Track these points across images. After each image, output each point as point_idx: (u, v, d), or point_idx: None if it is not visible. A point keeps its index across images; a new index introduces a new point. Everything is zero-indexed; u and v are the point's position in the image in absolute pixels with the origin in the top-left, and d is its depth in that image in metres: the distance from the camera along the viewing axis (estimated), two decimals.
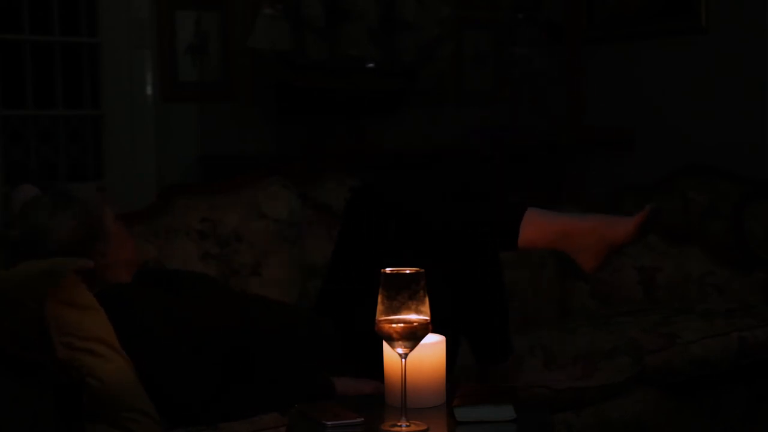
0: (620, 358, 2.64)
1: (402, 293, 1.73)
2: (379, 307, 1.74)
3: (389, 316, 1.74)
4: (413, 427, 1.76)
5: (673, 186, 3.98)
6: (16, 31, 3.71)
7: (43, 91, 3.79)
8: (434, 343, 1.91)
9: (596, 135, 4.27)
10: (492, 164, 3.94)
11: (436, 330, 1.83)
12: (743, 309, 3.01)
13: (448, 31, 3.96)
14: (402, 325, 1.74)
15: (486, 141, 4.08)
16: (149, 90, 3.80)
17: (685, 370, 2.78)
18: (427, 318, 1.75)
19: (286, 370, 2.30)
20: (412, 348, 1.77)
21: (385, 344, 1.87)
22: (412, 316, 1.74)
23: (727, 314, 2.95)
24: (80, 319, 2.05)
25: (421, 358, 1.87)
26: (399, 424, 1.76)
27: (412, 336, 1.75)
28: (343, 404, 1.92)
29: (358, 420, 1.77)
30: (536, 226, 2.39)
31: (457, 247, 2.36)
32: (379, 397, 1.94)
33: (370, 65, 3.76)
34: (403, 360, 1.78)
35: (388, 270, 1.75)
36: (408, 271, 1.75)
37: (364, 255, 2.41)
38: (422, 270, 1.76)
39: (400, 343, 1.76)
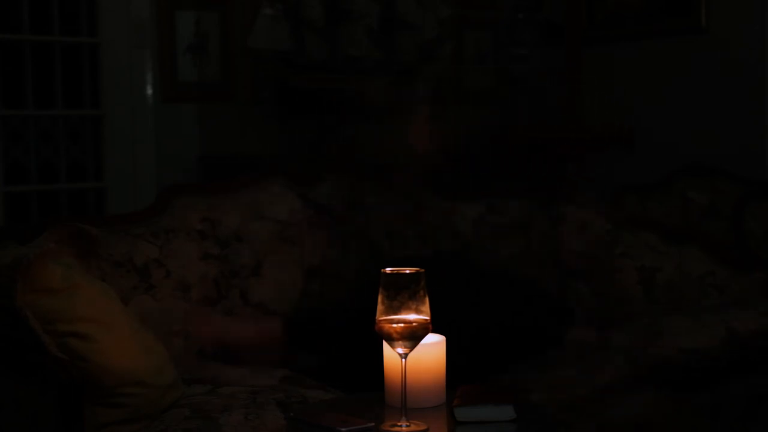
0: (615, 359, 2.63)
1: (402, 293, 1.73)
2: (379, 307, 1.74)
3: (389, 316, 1.74)
4: (413, 427, 1.76)
5: (673, 186, 3.97)
6: (16, 31, 3.71)
7: (43, 91, 3.80)
8: (434, 343, 1.91)
9: (596, 135, 4.26)
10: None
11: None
12: (733, 303, 3.01)
13: (448, 31, 3.96)
14: (402, 325, 1.74)
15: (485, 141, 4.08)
16: (149, 90, 3.80)
17: (677, 362, 2.78)
18: (427, 318, 1.75)
19: None
20: (412, 348, 1.77)
21: (385, 344, 1.87)
22: (412, 316, 1.74)
23: (714, 307, 2.96)
24: (58, 302, 1.98)
25: (421, 358, 1.87)
26: (399, 424, 1.76)
27: (412, 336, 1.75)
28: (342, 407, 1.92)
29: (370, 425, 1.77)
30: None
31: None
32: (378, 398, 1.93)
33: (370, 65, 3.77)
34: (403, 360, 1.77)
35: (388, 270, 1.75)
36: (408, 271, 1.75)
37: None
38: (422, 270, 1.76)
39: (400, 343, 1.76)
